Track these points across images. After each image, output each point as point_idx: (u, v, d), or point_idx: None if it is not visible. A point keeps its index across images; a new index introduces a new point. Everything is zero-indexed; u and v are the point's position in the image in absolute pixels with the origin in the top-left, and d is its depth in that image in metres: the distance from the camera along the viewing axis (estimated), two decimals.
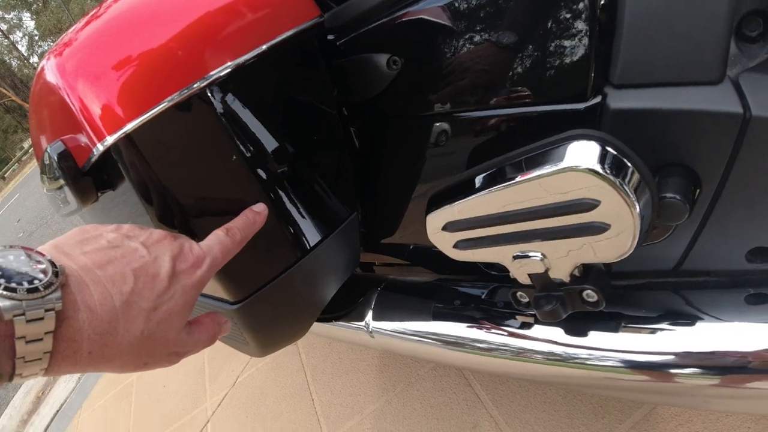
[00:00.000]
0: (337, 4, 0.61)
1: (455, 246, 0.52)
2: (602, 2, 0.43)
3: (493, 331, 0.65)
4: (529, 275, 0.50)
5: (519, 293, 0.55)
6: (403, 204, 0.68)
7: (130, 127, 0.42)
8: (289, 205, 0.59)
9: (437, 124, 0.56)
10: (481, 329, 0.66)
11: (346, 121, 0.64)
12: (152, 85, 0.43)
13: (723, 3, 0.39)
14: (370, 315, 0.75)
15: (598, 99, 0.45)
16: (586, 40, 0.44)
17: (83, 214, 0.67)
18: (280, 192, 0.58)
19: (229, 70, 0.46)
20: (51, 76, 0.48)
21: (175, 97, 0.44)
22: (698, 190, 0.46)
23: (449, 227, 0.50)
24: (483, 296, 0.69)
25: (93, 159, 0.45)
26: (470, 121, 0.53)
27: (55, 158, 0.49)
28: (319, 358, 1.48)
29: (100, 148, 0.43)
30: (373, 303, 0.75)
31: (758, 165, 0.43)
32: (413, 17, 0.52)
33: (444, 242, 0.52)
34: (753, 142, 0.42)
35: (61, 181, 0.51)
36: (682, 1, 0.40)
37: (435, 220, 0.51)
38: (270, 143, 0.55)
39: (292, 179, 0.59)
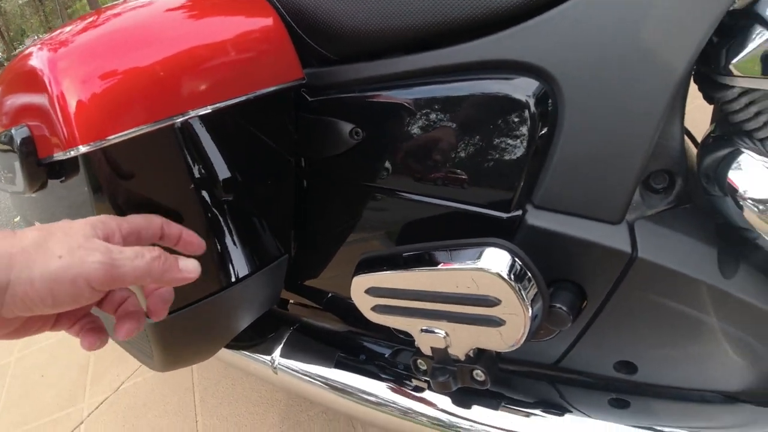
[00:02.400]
0: (319, 63, 0.66)
1: (373, 309, 0.57)
2: (541, 133, 0.50)
3: (388, 388, 0.69)
4: (432, 348, 0.56)
5: (419, 361, 0.60)
6: (331, 256, 0.73)
7: (105, 142, 0.44)
8: (228, 236, 0.62)
9: (378, 196, 0.62)
10: (377, 385, 0.70)
11: (298, 170, 0.69)
12: (137, 107, 0.45)
13: (636, 161, 0.48)
14: (278, 352, 0.77)
15: (518, 213, 0.52)
16: (519, 163, 0.51)
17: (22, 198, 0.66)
18: (225, 224, 0.60)
19: (209, 111, 0.50)
20: (39, 64, 0.49)
21: (155, 124, 0.46)
22: (583, 305, 0.54)
23: (371, 292, 0.55)
24: (386, 355, 0.73)
25: (56, 158, 0.46)
26: (408, 202, 0.59)
27: (18, 142, 0.50)
28: (212, 381, 1.44)
29: (71, 153, 0.44)
30: (284, 341, 0.78)
31: (634, 296, 0.52)
32: (383, 100, 0.58)
33: (364, 304, 0.57)
34: (634, 277, 0.50)
35: (16, 163, 0.51)
36: (605, 152, 0.48)
37: (360, 283, 0.56)
38: (226, 178, 0.58)
39: (238, 214, 0.62)
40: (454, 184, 0.55)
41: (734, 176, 0.48)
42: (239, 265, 0.64)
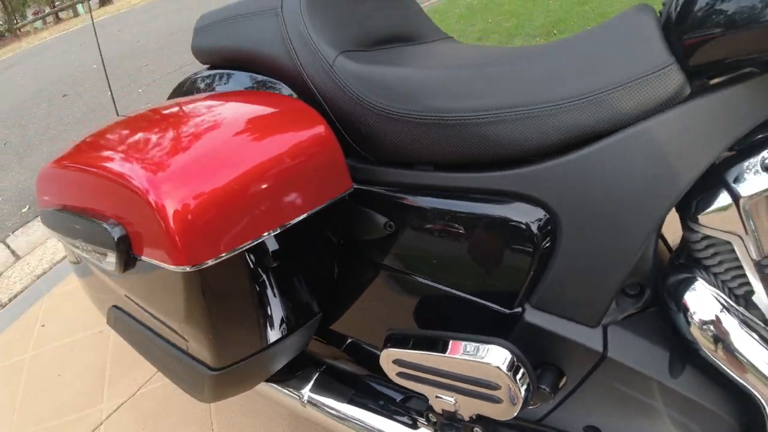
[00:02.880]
0: (359, 160, 0.79)
1: (398, 374, 0.71)
2: (541, 251, 0.65)
3: (400, 429, 0.84)
4: (442, 409, 0.71)
5: (431, 414, 0.75)
6: (356, 316, 0.87)
7: (206, 264, 0.58)
8: (276, 304, 0.76)
9: (402, 279, 0.76)
10: (391, 424, 0.85)
11: (338, 245, 0.83)
12: (227, 236, 0.59)
13: (615, 282, 0.62)
14: (308, 388, 0.92)
15: (519, 310, 0.67)
16: (523, 272, 0.66)
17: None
18: (273, 293, 0.75)
19: (279, 230, 0.64)
20: (136, 176, 0.62)
21: (241, 247, 0.60)
22: (562, 383, 0.69)
23: (398, 363, 0.70)
24: (398, 400, 0.88)
25: (156, 264, 0.60)
26: (427, 287, 0.74)
27: (115, 239, 0.64)
28: None
29: (176, 269, 0.58)
30: (313, 380, 0.92)
31: (602, 382, 0.67)
32: (414, 204, 0.73)
33: (391, 370, 0.72)
34: (603, 370, 0.65)
35: (111, 253, 0.65)
36: (591, 272, 0.63)
37: (389, 354, 0.70)
38: (278, 256, 0.73)
39: (286, 285, 0.76)
40: (468, 281, 0.70)
41: (688, 298, 0.63)
42: (284, 326, 0.79)
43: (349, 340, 0.94)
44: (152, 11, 10.53)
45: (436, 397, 0.69)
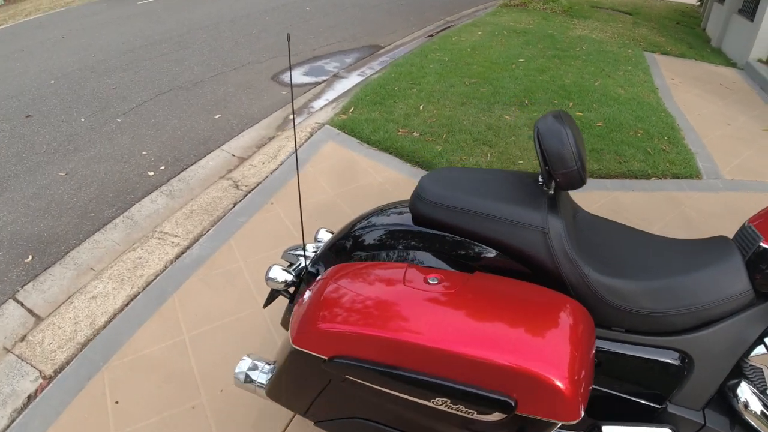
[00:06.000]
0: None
1: None
2: (681, 373, 1.30)
3: None
4: None
5: None
6: None
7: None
8: None
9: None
10: None
11: None
12: (585, 391, 1.14)
13: (714, 388, 1.30)
14: None
15: (665, 405, 1.32)
16: (669, 386, 1.30)
17: None
18: None
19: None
20: (538, 365, 1.07)
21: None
22: None
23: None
24: None
25: (539, 419, 1.15)
26: (614, 396, 1.37)
27: (512, 405, 1.11)
28: None
29: (564, 423, 1.10)
30: None
31: None
32: (612, 348, 1.35)
33: None
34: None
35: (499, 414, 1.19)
36: (702, 383, 1.31)
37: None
38: None
39: None
40: (637, 390, 1.34)
41: (738, 390, 1.30)
42: None
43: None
44: (95, 16, 9.83)
45: None
